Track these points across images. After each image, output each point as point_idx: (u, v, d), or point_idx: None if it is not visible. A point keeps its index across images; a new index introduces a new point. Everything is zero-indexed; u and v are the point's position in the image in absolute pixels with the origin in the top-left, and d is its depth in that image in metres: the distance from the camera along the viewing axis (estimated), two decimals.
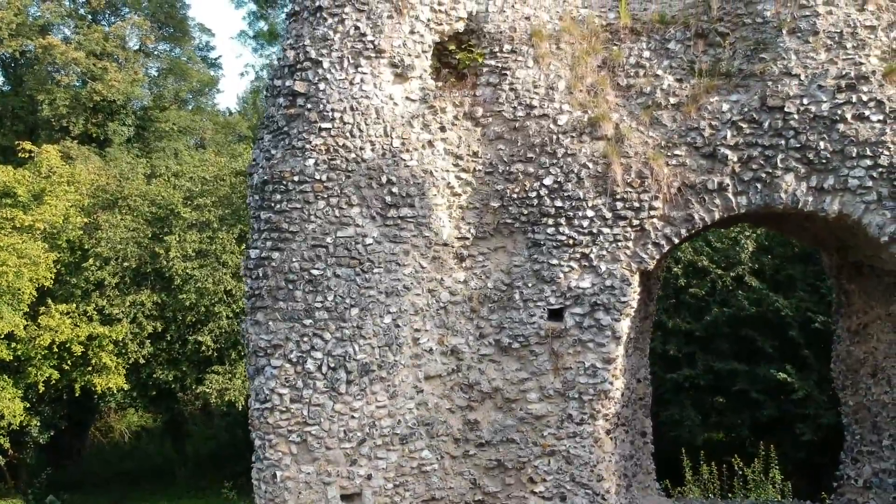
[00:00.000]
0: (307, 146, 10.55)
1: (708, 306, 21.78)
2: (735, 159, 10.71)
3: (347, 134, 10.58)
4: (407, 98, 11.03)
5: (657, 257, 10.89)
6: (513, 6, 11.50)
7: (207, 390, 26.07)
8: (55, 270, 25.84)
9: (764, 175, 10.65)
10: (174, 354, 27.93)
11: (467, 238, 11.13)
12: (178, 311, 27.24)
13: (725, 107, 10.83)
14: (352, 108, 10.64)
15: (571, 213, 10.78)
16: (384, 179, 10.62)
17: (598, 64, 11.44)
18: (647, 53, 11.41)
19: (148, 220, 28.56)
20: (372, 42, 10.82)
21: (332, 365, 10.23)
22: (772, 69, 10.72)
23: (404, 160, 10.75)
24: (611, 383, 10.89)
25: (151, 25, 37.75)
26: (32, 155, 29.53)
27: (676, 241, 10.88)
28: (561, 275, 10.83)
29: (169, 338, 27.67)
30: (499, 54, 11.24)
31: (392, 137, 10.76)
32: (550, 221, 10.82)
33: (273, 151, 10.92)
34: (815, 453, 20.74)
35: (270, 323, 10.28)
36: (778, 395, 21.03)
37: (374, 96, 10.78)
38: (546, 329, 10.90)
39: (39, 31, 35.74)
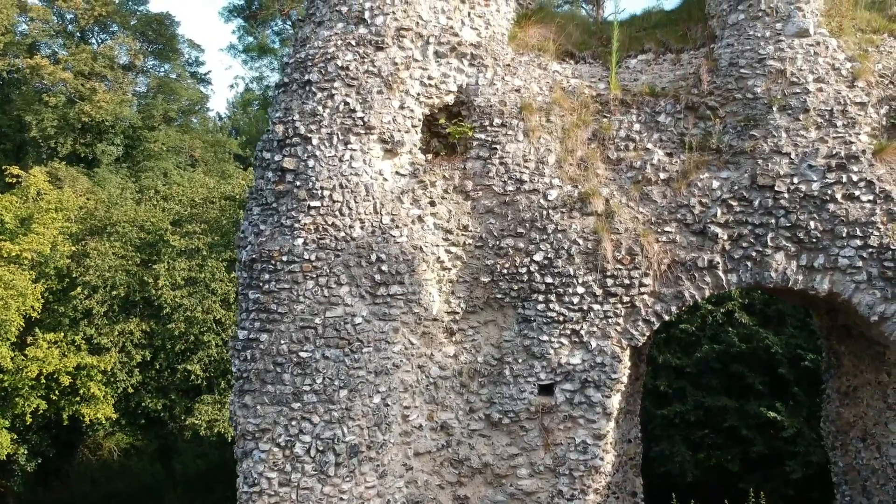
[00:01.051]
0: (296, 225, 10.48)
1: (698, 341, 21.80)
2: (725, 237, 10.69)
3: (337, 212, 10.51)
4: (397, 173, 10.97)
5: (647, 334, 10.87)
6: (503, 78, 11.45)
7: (197, 421, 25.91)
8: (42, 301, 25.66)
9: (754, 254, 10.63)
10: (163, 382, 27.79)
11: (457, 312, 11.07)
12: (167, 340, 27.11)
13: (716, 184, 10.81)
14: (341, 186, 10.57)
15: (562, 290, 10.74)
16: (373, 257, 10.56)
17: (589, 136, 11.39)
18: (637, 126, 11.37)
19: (137, 245, 28.40)
20: (362, 118, 10.75)
21: (321, 448, 10.17)
22: (762, 147, 10.70)
23: (394, 237, 10.68)
24: (601, 458, 10.86)
25: (140, 44, 37.53)
26: (20, 180, 29.34)
27: (667, 317, 10.86)
28: (551, 351, 10.79)
29: (158, 366, 27.50)
30: (489, 128, 11.19)
31: (381, 214, 10.69)
32: (541, 298, 10.77)
33: (262, 227, 10.84)
34: (805, 490, 20.80)
35: (258, 407, 10.20)
36: (768, 432, 21.08)
37: (364, 173, 10.71)
38: (536, 404, 10.87)
39: (27, 49, 35.48)
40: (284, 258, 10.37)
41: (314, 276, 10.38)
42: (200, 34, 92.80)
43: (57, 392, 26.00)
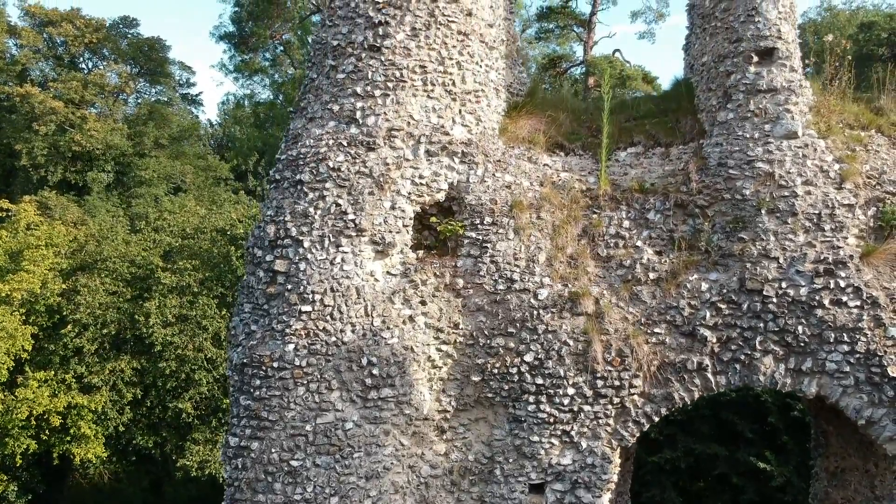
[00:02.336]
0: (287, 330, 10.50)
1: None
2: (714, 340, 10.76)
3: (328, 317, 10.54)
4: (388, 273, 11.00)
5: (637, 434, 10.93)
6: (494, 175, 11.49)
7: (188, 462, 25.91)
8: (32, 343, 25.62)
9: (743, 357, 10.71)
10: (154, 419, 27.78)
11: (448, 410, 11.11)
12: (159, 377, 27.10)
13: (705, 286, 10.87)
14: (332, 290, 10.60)
15: (552, 391, 10.79)
16: (364, 361, 10.59)
17: (579, 232, 11.44)
18: (626, 223, 11.42)
19: (127, 280, 28.36)
20: (353, 220, 10.78)
21: None
22: (750, 250, 10.76)
23: (385, 338, 10.72)
24: None
25: (131, 68, 37.39)
26: (10, 214, 29.26)
27: (657, 419, 10.92)
28: (542, 451, 10.84)
29: (149, 403, 27.51)
30: (479, 226, 11.22)
31: (373, 316, 10.72)
32: (532, 398, 10.82)
33: (253, 328, 10.85)
34: None
35: None
36: (758, 479, 21.22)
37: (355, 275, 10.73)
38: None
39: (18, 76, 35.32)
40: (275, 364, 10.39)
41: (305, 382, 10.40)
42: (192, 49, 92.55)
43: (47, 431, 26.00)
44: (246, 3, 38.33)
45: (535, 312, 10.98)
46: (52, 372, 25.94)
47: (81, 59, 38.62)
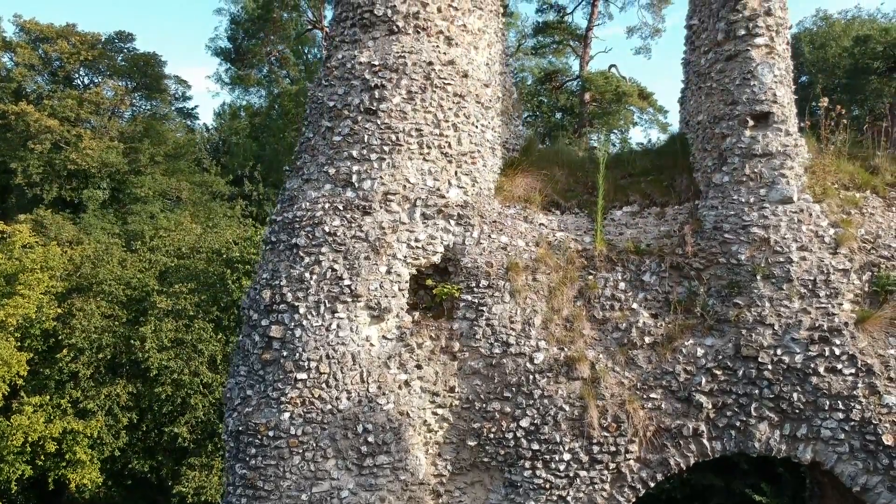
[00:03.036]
0: (282, 398, 10.49)
1: None
2: (710, 406, 10.78)
3: (323, 384, 10.53)
4: (384, 337, 10.99)
5: (633, 500, 10.94)
6: (489, 236, 11.48)
7: (184, 489, 25.88)
8: (27, 369, 25.60)
9: (738, 423, 10.72)
10: (150, 443, 27.76)
11: (444, 474, 11.11)
12: (154, 402, 27.09)
13: (700, 351, 10.88)
14: (328, 357, 10.59)
15: (548, 456, 10.80)
16: (360, 429, 10.58)
17: (575, 294, 11.44)
18: (622, 285, 11.43)
19: (123, 302, 28.35)
20: (349, 286, 10.77)
21: None
22: (746, 316, 10.78)
23: (380, 404, 10.71)
24: None
25: (127, 83, 37.26)
26: (5, 235, 29.21)
27: (652, 484, 10.93)
28: None
29: (145, 427, 27.49)
30: (475, 289, 11.22)
31: (368, 382, 10.71)
32: (528, 464, 10.83)
33: (249, 392, 10.84)
34: None
35: None
36: None
37: (351, 341, 10.72)
38: None
39: (13, 93, 35.22)
40: (271, 433, 10.38)
41: (300, 451, 10.39)
42: (187, 49, 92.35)
43: (43, 457, 26.01)
44: (241, 20, 38.25)
45: (531, 377, 10.99)
46: (48, 397, 25.96)
47: (77, 75, 38.50)
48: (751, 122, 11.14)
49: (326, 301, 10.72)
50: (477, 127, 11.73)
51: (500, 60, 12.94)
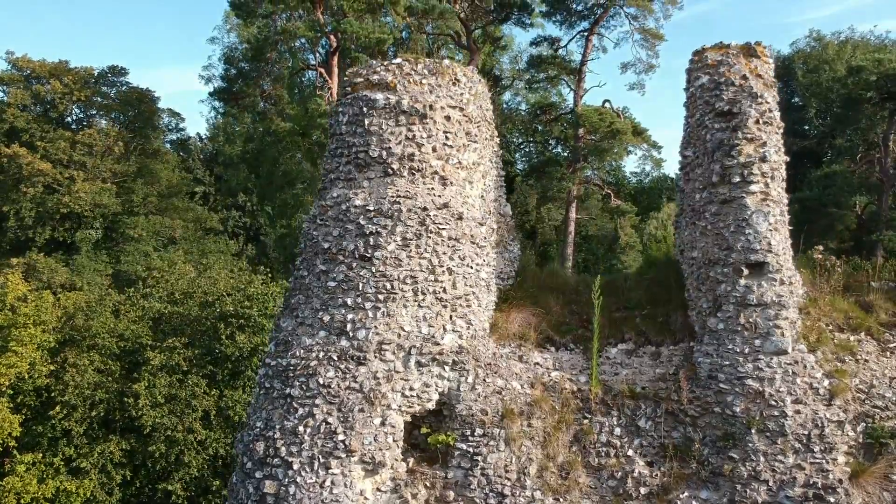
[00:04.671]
0: None
1: None
2: None
3: None
4: (378, 489, 10.97)
5: None
6: (484, 381, 11.46)
7: None
8: (20, 430, 25.52)
9: None
10: (143, 500, 27.70)
11: None
12: (147, 459, 27.03)
13: None
14: None
15: None
16: None
17: (570, 439, 11.43)
18: (617, 430, 11.42)
19: (116, 354, 28.27)
20: (343, 441, 10.73)
21: None
22: (740, 471, 10.78)
23: None
24: None
25: (120, 118, 37.07)
26: None
27: None
28: None
29: (138, 484, 27.43)
30: (470, 438, 11.20)
31: None
32: None
33: None
34: None
35: None
36: None
37: (345, 497, 10.69)
38: None
39: (5, 135, 35.02)
40: None
41: None
42: (185, 58, 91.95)
43: None
44: (235, 57, 38.10)
45: None
46: (40, 454, 25.89)
47: (70, 114, 38.30)
48: (745, 271, 11.13)
49: (320, 456, 10.69)
50: (472, 268, 11.69)
51: (496, 185, 12.91)
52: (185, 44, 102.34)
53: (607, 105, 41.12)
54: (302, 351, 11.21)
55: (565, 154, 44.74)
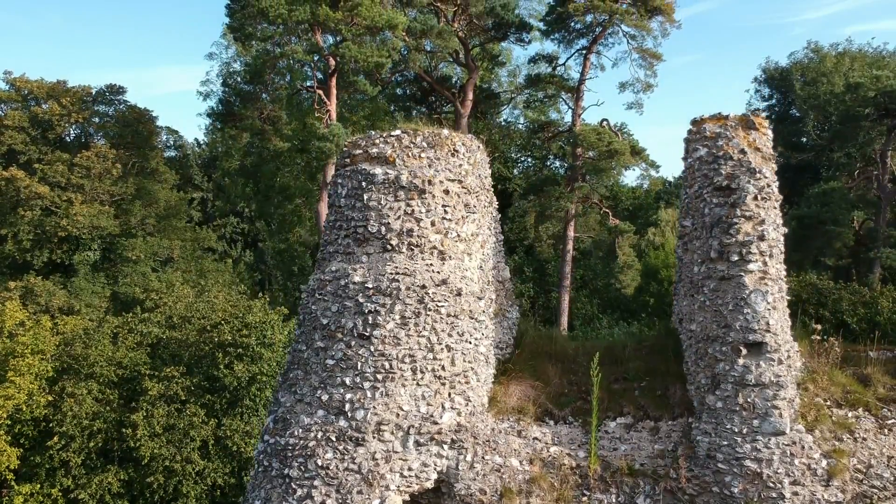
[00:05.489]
0: None
1: None
2: None
3: None
4: None
5: None
6: (483, 458, 11.46)
7: None
8: (18, 463, 25.54)
9: None
10: None
11: None
12: (146, 489, 27.06)
13: None
14: None
15: None
16: None
17: None
18: None
19: (114, 382, 28.28)
20: None
21: None
22: None
23: None
24: None
25: (117, 138, 36.99)
26: None
27: None
28: None
29: None
30: None
31: None
32: None
33: None
34: None
35: None
36: None
37: None
38: None
39: (3, 157, 34.97)
40: None
41: None
42: (183, 57, 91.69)
43: None
44: (234, 85, 38.08)
45: None
46: (38, 485, 25.90)
47: (68, 135, 38.24)
48: (744, 351, 11.13)
49: None
50: (471, 343, 11.69)
51: (494, 252, 12.90)
52: (185, 43, 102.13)
53: (605, 124, 41.08)
54: (300, 430, 11.20)
55: (563, 172, 44.73)
